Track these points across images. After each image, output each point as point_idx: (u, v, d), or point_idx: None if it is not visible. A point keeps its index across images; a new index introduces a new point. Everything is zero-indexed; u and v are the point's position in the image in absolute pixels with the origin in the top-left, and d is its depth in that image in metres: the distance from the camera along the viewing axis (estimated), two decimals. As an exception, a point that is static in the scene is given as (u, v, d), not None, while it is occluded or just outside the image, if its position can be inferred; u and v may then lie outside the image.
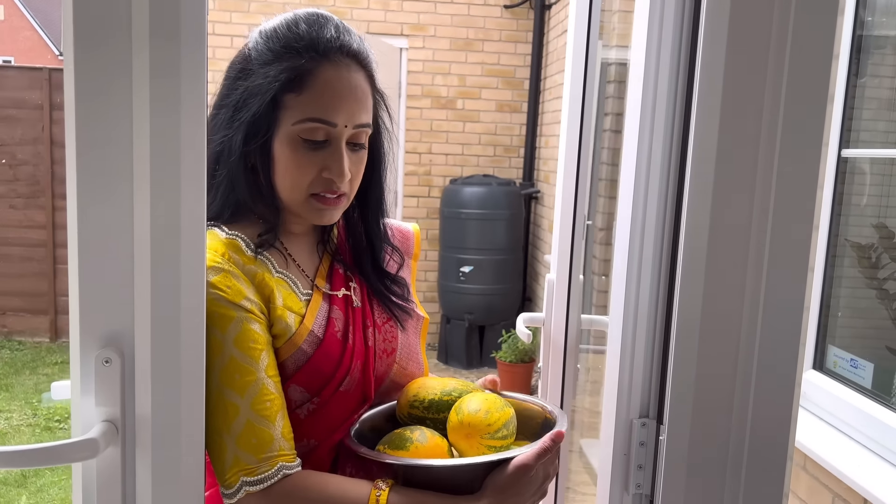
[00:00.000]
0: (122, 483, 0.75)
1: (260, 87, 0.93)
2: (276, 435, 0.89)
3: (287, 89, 0.92)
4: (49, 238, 5.44)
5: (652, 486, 0.94)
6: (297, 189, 0.96)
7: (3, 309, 5.50)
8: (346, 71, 0.95)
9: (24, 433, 3.97)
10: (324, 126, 0.93)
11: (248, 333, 0.90)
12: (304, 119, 0.93)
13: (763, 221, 0.83)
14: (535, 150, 5.53)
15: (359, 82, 0.96)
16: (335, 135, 0.94)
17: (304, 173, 0.94)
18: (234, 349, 0.89)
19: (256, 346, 0.90)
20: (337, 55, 0.95)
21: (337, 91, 0.93)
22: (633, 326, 0.96)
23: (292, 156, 0.94)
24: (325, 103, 0.93)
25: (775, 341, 0.84)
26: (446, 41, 5.44)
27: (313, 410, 0.97)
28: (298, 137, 0.93)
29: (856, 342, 2.17)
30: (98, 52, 0.70)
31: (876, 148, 2.19)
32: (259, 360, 0.90)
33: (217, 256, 0.93)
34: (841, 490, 1.84)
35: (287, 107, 0.93)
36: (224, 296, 0.90)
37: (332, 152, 0.94)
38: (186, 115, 0.72)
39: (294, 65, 0.93)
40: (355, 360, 1.00)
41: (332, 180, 0.95)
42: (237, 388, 0.88)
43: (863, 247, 2.21)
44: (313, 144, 0.94)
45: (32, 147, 5.38)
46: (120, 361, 0.73)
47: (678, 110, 0.91)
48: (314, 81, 0.93)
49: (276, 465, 0.88)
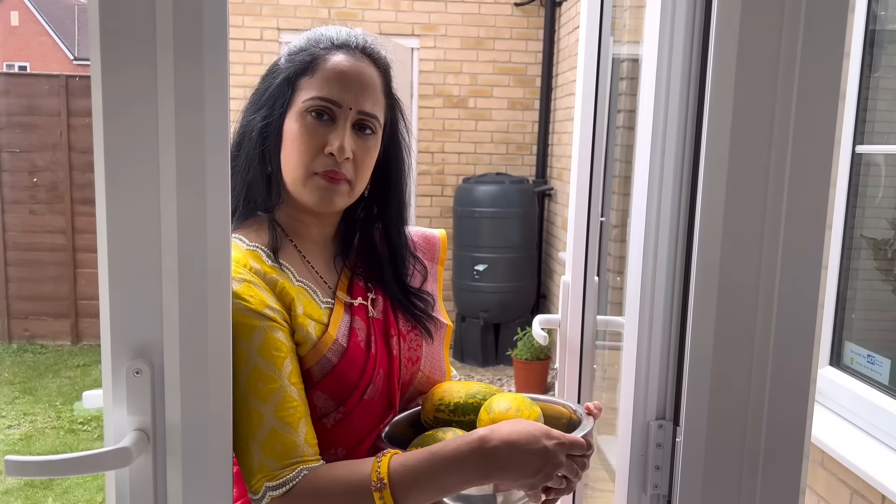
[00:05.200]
0: (154, 490, 0.77)
1: (280, 82, 1.02)
2: (299, 441, 0.91)
3: (301, 73, 1.01)
4: (69, 243, 5.51)
5: (669, 487, 0.95)
6: (302, 165, 1.00)
7: (25, 313, 5.59)
8: (355, 60, 1.03)
9: (49, 436, 4.04)
10: (330, 104, 1.00)
11: (271, 342, 0.92)
12: (312, 97, 1.00)
13: (776, 219, 0.83)
14: (548, 148, 5.53)
15: (368, 72, 1.03)
16: (340, 115, 1.00)
17: (308, 148, 0.99)
18: (258, 358, 0.91)
19: (279, 353, 0.93)
20: (351, 48, 1.03)
21: (345, 74, 1.01)
22: (648, 328, 0.97)
23: (300, 130, 1.00)
24: (332, 84, 1.00)
25: (790, 339, 0.85)
26: (457, 40, 5.44)
27: (340, 420, 0.99)
28: (306, 113, 1.00)
29: (873, 338, 2.16)
30: (123, 60, 0.72)
31: (891, 144, 2.18)
32: (282, 368, 0.92)
33: (239, 267, 0.95)
34: (859, 486, 1.84)
35: (300, 88, 1.01)
36: (247, 305, 0.93)
37: (336, 129, 1.00)
38: (210, 123, 0.74)
39: (311, 52, 1.02)
40: (378, 368, 1.02)
41: (333, 158, 0.99)
42: (261, 396, 0.90)
43: (879, 242, 2.20)
44: (319, 121, 1.00)
45: (51, 153, 5.45)
46: (150, 372, 0.76)
47: (691, 107, 0.92)
48: (325, 65, 1.01)
49: (298, 469, 0.90)
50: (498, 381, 4.99)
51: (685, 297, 0.93)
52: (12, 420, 4.26)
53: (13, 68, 21.95)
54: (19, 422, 4.24)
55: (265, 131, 1.01)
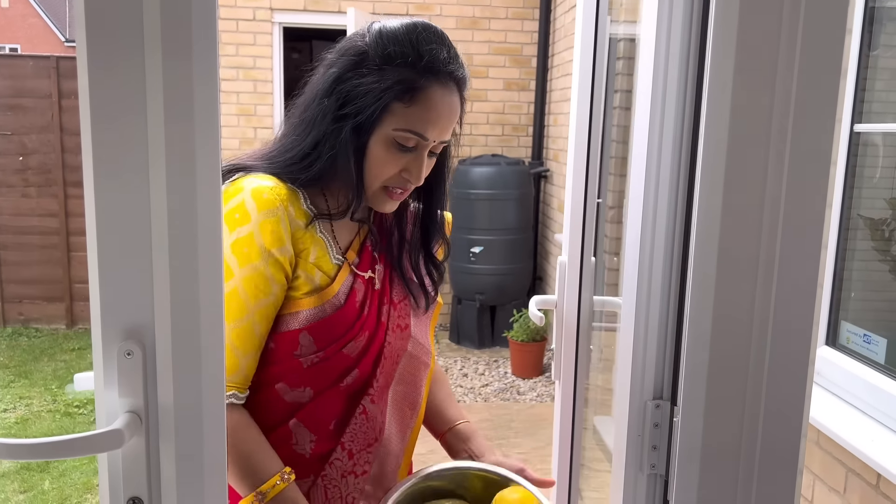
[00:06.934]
0: (147, 471, 0.77)
1: (374, 90, 1.04)
2: (240, 366, 1.02)
3: (397, 98, 1.04)
4: (62, 226, 5.49)
5: (667, 467, 0.95)
6: (376, 181, 1.09)
7: (19, 297, 5.57)
8: (448, 94, 1.07)
9: (45, 419, 4.04)
10: (419, 139, 1.06)
11: (260, 279, 1.02)
12: (404, 129, 1.05)
13: (776, 198, 0.82)
14: (544, 129, 5.51)
15: (456, 106, 1.09)
16: (423, 145, 1.07)
17: (387, 171, 1.07)
18: (240, 284, 1.02)
19: (259, 291, 1.02)
20: (446, 78, 1.06)
21: (438, 111, 1.06)
22: (645, 308, 0.96)
23: (383, 154, 1.06)
24: (426, 120, 1.05)
25: (789, 319, 0.84)
26: (452, 20, 5.39)
27: (315, 362, 1.08)
28: (394, 140, 1.06)
29: (869, 317, 2.16)
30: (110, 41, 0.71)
31: (888, 122, 2.16)
32: (255, 302, 1.02)
33: (278, 201, 1.03)
34: (855, 465, 1.85)
35: (393, 112, 1.05)
36: (261, 239, 1.01)
37: (416, 158, 1.08)
38: (200, 106, 0.72)
39: (409, 78, 1.04)
40: (364, 330, 1.11)
41: (408, 181, 1.09)
42: (228, 314, 0.98)
43: (876, 221, 2.20)
44: (403, 149, 1.06)
45: (42, 135, 5.40)
46: (141, 353, 0.75)
47: (689, 86, 0.91)
48: (422, 98, 1.05)
49: (231, 392, 1.01)
50: (494, 363, 5.01)
51: (683, 276, 0.93)
52: (8, 404, 4.26)
53: (3, 50, 21.74)
54: (15, 405, 4.24)
55: (349, 134, 1.05)
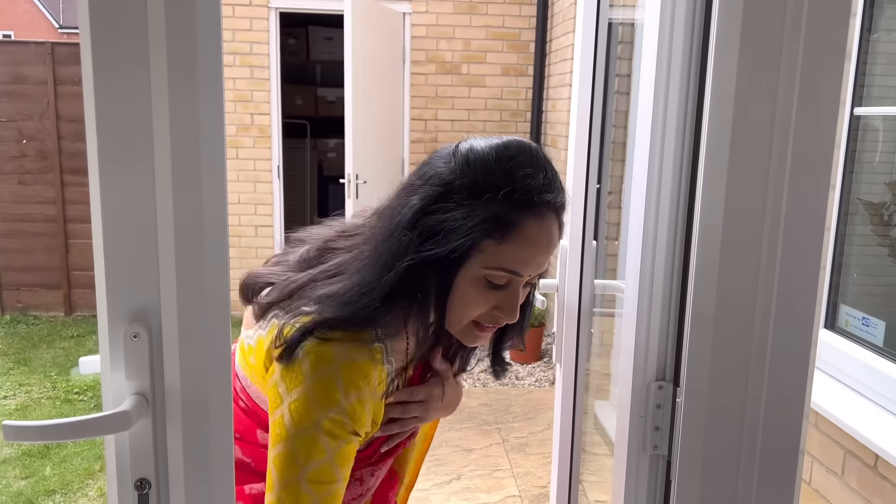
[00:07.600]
0: (155, 453, 0.77)
1: (462, 227, 0.90)
2: None
3: (488, 235, 0.91)
4: (60, 213, 5.47)
5: (669, 447, 0.95)
6: (464, 319, 0.97)
7: (17, 284, 5.56)
8: (546, 227, 0.93)
9: (45, 406, 4.04)
10: (511, 275, 0.94)
11: (349, 453, 0.96)
12: (496, 267, 0.93)
13: (780, 181, 0.82)
14: (542, 115, 5.49)
15: (554, 237, 0.95)
16: (518, 281, 0.95)
17: (477, 308, 0.96)
18: (334, 459, 0.94)
19: (348, 462, 0.97)
20: (542, 209, 0.93)
21: (535, 247, 0.93)
22: (648, 290, 0.96)
23: (472, 293, 0.94)
24: (521, 259, 0.93)
25: (791, 302, 0.85)
26: (450, 4, 5.36)
27: None
28: (485, 279, 0.93)
29: (868, 300, 2.17)
30: (115, 36, 0.70)
31: (887, 105, 2.16)
32: (345, 471, 0.96)
33: (365, 383, 0.94)
34: (853, 447, 1.86)
35: (483, 250, 0.92)
36: (350, 422, 0.94)
37: (509, 294, 0.95)
38: (205, 85, 0.72)
39: (500, 213, 0.90)
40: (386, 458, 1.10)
41: (500, 317, 0.97)
42: (317, 487, 0.93)
43: (875, 205, 2.20)
44: (495, 287, 0.94)
45: (38, 122, 5.37)
46: (147, 335, 0.75)
47: (693, 69, 0.91)
48: (517, 235, 0.91)
49: None
50: (493, 349, 5.01)
51: (686, 257, 0.93)
52: (7, 391, 4.26)
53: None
54: (14, 392, 4.25)
55: (434, 272, 0.93)
